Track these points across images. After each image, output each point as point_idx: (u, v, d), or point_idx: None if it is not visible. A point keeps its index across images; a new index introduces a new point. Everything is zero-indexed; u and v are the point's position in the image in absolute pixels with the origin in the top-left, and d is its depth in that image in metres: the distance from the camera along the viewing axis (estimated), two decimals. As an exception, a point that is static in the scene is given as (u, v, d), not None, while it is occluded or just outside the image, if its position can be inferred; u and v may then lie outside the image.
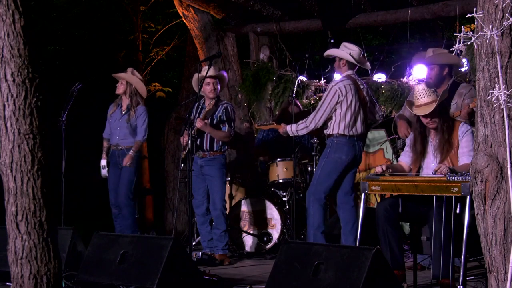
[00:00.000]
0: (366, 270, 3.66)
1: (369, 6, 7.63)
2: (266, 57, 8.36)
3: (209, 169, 6.22)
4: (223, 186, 6.27)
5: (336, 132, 5.66)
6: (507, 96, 3.20)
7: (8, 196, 3.79)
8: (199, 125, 6.08)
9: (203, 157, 6.23)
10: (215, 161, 6.23)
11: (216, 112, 6.24)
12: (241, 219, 6.86)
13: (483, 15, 3.28)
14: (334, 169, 5.67)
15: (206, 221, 6.34)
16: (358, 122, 5.69)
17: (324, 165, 5.70)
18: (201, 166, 6.24)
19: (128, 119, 6.59)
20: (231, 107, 6.35)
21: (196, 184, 6.24)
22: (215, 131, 6.20)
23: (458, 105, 5.27)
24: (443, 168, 4.40)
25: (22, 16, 3.73)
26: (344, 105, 5.63)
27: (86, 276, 4.59)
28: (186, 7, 8.19)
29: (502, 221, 3.27)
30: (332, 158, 5.66)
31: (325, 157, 5.71)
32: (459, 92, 5.31)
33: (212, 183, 6.22)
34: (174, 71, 12.60)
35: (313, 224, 5.70)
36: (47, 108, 3.86)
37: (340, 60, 5.79)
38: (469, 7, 6.52)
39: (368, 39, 10.79)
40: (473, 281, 4.69)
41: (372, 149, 7.27)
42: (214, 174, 6.21)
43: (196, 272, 4.65)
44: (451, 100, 5.26)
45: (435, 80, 5.32)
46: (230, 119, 6.26)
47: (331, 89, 5.68)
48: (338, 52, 5.78)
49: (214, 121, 6.22)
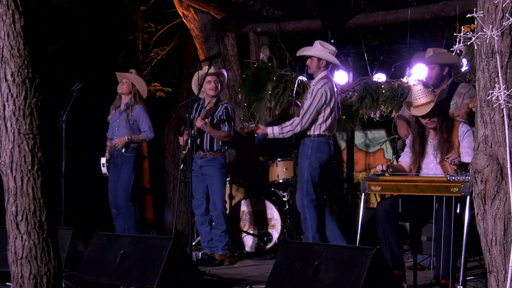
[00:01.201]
0: (366, 270, 3.66)
1: (369, 6, 7.63)
2: (266, 57, 8.35)
3: (209, 169, 6.22)
4: (223, 186, 6.26)
5: (318, 133, 5.72)
6: (507, 96, 3.20)
7: (8, 196, 3.79)
8: (199, 124, 6.07)
9: (203, 157, 6.23)
10: (215, 161, 6.23)
11: (216, 111, 6.23)
12: (241, 219, 6.86)
13: (483, 15, 3.28)
14: (319, 168, 5.74)
15: (206, 221, 6.34)
16: (334, 122, 5.84)
17: (309, 166, 5.73)
18: (201, 166, 6.24)
19: (126, 118, 6.59)
20: (231, 107, 6.35)
21: (196, 184, 6.24)
22: (215, 131, 6.19)
23: (457, 104, 5.27)
24: (455, 157, 4.40)
25: (22, 16, 3.73)
26: (328, 108, 5.75)
27: (86, 276, 4.59)
28: (186, 7, 8.19)
29: (502, 221, 3.27)
30: (315, 158, 5.71)
31: (307, 158, 5.74)
32: (458, 92, 5.31)
33: (212, 183, 6.21)
34: (174, 71, 12.61)
35: (311, 226, 5.70)
36: (47, 108, 3.86)
37: (320, 61, 5.81)
38: (469, 7, 6.52)
39: (368, 39, 10.79)
40: (473, 281, 4.69)
41: (372, 149, 7.27)
42: (214, 174, 6.21)
43: (196, 272, 4.65)
44: (450, 100, 5.27)
45: (435, 79, 5.32)
46: (230, 118, 6.25)
47: (317, 92, 5.71)
48: (321, 53, 5.80)
49: (214, 121, 6.22)
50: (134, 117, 6.62)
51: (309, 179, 5.72)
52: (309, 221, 5.72)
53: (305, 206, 5.71)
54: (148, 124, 6.61)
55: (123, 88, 6.67)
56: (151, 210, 10.28)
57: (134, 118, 6.61)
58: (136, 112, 6.63)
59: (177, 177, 8.68)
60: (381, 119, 7.42)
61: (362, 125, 7.59)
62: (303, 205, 5.73)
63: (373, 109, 7.38)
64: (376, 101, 7.33)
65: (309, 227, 5.73)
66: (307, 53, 5.90)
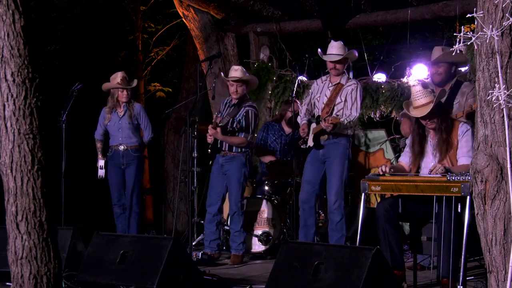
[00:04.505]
0: (366, 270, 3.66)
1: (369, 6, 7.63)
2: (266, 57, 8.35)
3: (229, 167, 6.18)
4: (239, 186, 6.20)
5: (352, 133, 5.80)
6: (507, 96, 3.19)
7: (8, 196, 3.79)
8: (211, 133, 6.08)
9: (224, 156, 6.22)
10: (235, 160, 6.19)
11: (237, 114, 6.18)
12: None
13: (483, 15, 3.28)
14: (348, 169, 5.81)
15: (214, 221, 6.28)
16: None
17: (346, 167, 5.74)
18: (222, 164, 6.22)
19: (130, 118, 6.69)
20: (253, 111, 6.20)
21: (215, 182, 6.24)
22: (228, 138, 6.14)
23: (460, 104, 5.20)
24: (438, 167, 4.42)
25: (22, 16, 3.73)
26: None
27: (86, 276, 4.59)
28: (186, 7, 8.19)
29: (502, 221, 3.27)
30: (349, 158, 5.76)
31: (345, 158, 5.72)
32: (462, 91, 5.24)
33: (230, 181, 6.19)
34: (174, 71, 12.62)
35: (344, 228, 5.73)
36: (47, 108, 3.86)
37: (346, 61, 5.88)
38: (469, 7, 6.52)
39: (368, 39, 10.78)
40: (473, 281, 4.69)
41: (372, 149, 7.27)
42: (233, 172, 6.17)
43: (196, 272, 4.65)
44: (453, 99, 5.23)
45: (443, 78, 5.25)
46: (249, 125, 6.16)
47: (359, 88, 5.78)
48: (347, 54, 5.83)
49: (234, 124, 6.16)
50: (135, 114, 6.76)
51: (344, 179, 5.74)
52: (344, 223, 5.74)
53: (342, 207, 5.72)
54: (148, 121, 6.80)
55: (125, 97, 6.74)
56: (151, 210, 10.29)
57: (135, 116, 6.75)
58: (136, 109, 6.79)
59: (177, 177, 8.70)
60: (381, 119, 7.43)
61: (362, 125, 7.59)
62: (340, 206, 5.71)
63: (373, 109, 7.38)
64: (376, 101, 7.33)
65: (343, 228, 5.74)
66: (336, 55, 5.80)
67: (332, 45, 5.83)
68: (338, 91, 5.79)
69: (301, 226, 5.92)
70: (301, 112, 6.06)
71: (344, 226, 5.74)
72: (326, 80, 5.94)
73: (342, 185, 5.73)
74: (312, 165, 5.87)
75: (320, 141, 5.79)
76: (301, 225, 5.92)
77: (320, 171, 5.84)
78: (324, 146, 5.79)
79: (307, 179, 5.90)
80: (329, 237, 5.84)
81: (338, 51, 5.79)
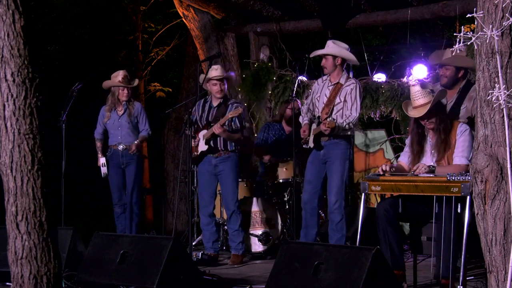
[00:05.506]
0: (366, 270, 3.66)
1: (369, 6, 7.63)
2: (266, 57, 8.36)
3: (223, 167, 6.17)
4: (236, 185, 6.22)
5: (352, 134, 5.82)
6: (507, 96, 3.19)
7: (8, 196, 3.79)
8: (218, 131, 6.03)
9: (217, 156, 6.21)
10: (229, 159, 6.19)
11: (226, 112, 6.19)
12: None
13: (483, 15, 3.28)
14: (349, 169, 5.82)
15: (211, 222, 6.27)
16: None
17: (347, 167, 5.75)
18: (215, 165, 6.21)
19: (129, 116, 6.69)
20: (242, 107, 6.24)
21: (208, 183, 6.23)
22: (231, 135, 6.16)
23: (467, 109, 5.05)
24: (421, 167, 4.44)
25: (22, 16, 3.73)
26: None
27: (86, 276, 4.59)
28: (186, 7, 8.19)
29: (502, 221, 3.27)
30: (350, 159, 5.77)
31: (346, 158, 5.73)
32: (469, 96, 5.09)
33: (226, 181, 6.18)
34: (174, 71, 12.61)
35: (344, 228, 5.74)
36: (47, 108, 3.86)
37: (335, 58, 5.80)
38: (469, 7, 6.52)
39: (368, 39, 10.79)
40: (473, 281, 4.69)
41: (372, 149, 7.27)
42: (228, 172, 6.17)
43: (196, 272, 4.65)
44: (461, 103, 5.16)
45: (448, 81, 5.20)
46: (242, 121, 6.21)
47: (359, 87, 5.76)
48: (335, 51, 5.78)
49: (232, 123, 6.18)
50: (135, 113, 6.78)
51: (345, 180, 5.75)
52: (344, 223, 5.74)
53: (342, 208, 5.72)
54: (147, 120, 6.85)
55: (126, 96, 6.75)
56: (151, 210, 10.29)
57: (135, 115, 6.78)
58: (137, 108, 6.82)
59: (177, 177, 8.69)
60: (381, 119, 7.43)
61: (362, 125, 7.59)
62: (341, 207, 5.71)
63: (373, 109, 7.39)
64: (376, 101, 7.33)
65: (344, 228, 5.74)
66: (321, 52, 5.86)
67: (327, 44, 5.85)
68: (337, 91, 5.78)
69: (303, 226, 5.92)
70: (303, 111, 6.06)
71: (344, 226, 5.75)
72: (326, 80, 5.94)
73: (343, 185, 5.73)
74: (314, 166, 5.87)
75: (321, 141, 5.78)
76: (303, 225, 5.92)
77: (321, 172, 5.84)
78: (324, 146, 5.79)
79: (309, 179, 5.90)
80: (329, 237, 5.84)
81: (327, 49, 5.81)
